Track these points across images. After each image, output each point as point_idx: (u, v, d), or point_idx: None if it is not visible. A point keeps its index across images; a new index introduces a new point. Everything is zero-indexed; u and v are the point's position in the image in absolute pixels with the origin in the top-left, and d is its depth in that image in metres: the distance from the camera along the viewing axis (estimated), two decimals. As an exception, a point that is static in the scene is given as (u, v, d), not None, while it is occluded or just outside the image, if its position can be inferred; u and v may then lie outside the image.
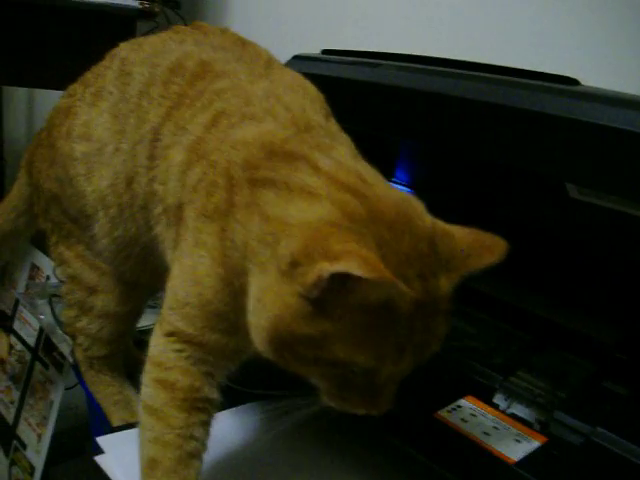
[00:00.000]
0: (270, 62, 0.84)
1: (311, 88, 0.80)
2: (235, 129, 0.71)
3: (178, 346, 0.69)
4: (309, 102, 0.76)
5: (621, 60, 0.96)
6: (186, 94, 0.78)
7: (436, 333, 0.60)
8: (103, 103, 0.88)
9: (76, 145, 0.90)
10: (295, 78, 0.81)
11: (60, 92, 0.98)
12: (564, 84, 0.71)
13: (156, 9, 1.50)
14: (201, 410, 0.70)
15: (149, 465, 0.69)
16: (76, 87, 0.95)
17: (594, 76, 0.74)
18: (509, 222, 0.71)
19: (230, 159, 0.68)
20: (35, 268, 1.63)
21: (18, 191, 1.10)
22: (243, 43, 0.86)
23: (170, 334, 0.70)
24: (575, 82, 0.72)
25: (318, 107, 0.77)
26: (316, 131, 0.71)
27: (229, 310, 0.67)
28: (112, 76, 0.89)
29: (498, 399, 0.84)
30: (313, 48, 1.07)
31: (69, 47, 1.50)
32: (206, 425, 0.71)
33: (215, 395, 0.71)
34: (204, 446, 0.71)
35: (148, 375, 0.71)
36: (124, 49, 0.91)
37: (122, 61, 0.89)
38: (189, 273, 0.68)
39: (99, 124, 0.88)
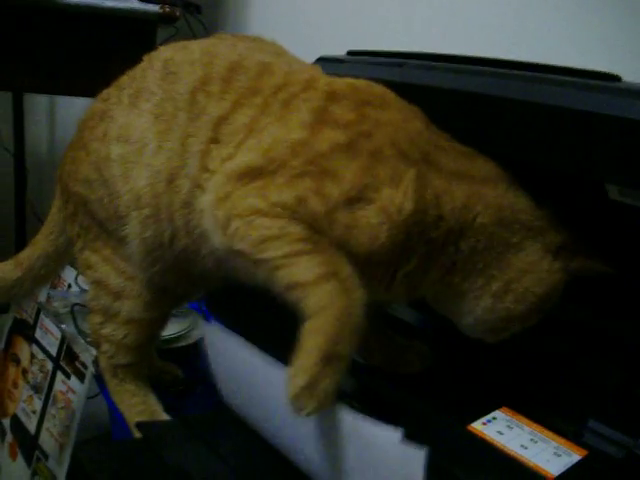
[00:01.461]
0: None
1: None
2: (365, 109, 0.79)
3: (283, 222, 0.73)
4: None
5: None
6: (259, 88, 0.83)
7: None
8: (144, 104, 0.88)
9: (113, 147, 0.90)
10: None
11: (81, 99, 0.98)
12: (605, 81, 0.68)
13: (177, 14, 1.49)
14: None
15: (323, 279, 0.69)
16: (110, 91, 0.95)
17: (636, 72, 0.71)
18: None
19: (388, 136, 0.76)
20: (57, 276, 1.62)
21: (57, 205, 1.09)
22: (284, 51, 0.94)
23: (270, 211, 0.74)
24: (617, 78, 0.68)
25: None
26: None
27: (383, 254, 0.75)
28: (155, 77, 0.89)
29: (534, 410, 0.81)
30: (336, 50, 1.05)
31: (89, 53, 1.50)
32: None
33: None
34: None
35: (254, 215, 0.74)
36: (165, 51, 0.92)
37: (165, 62, 0.90)
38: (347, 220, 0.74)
39: (139, 125, 0.88)
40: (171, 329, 1.16)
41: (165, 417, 0.96)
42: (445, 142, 0.79)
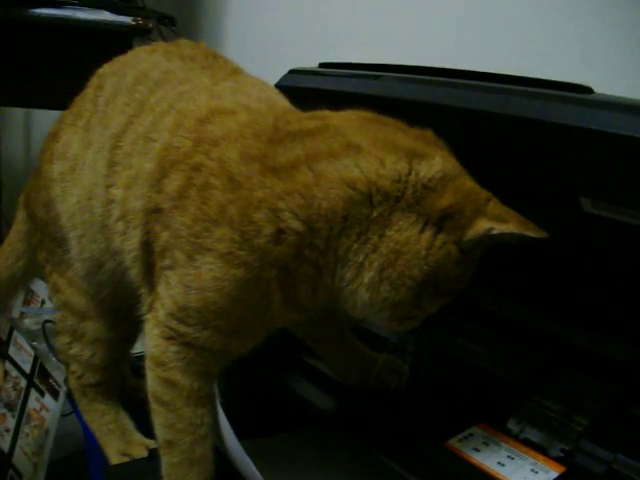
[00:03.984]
0: (236, 70, 0.87)
1: (272, 87, 0.86)
2: (207, 126, 0.72)
3: (176, 348, 0.72)
4: (274, 93, 0.82)
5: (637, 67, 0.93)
6: (147, 102, 0.80)
7: None
8: (80, 121, 0.89)
9: (55, 166, 0.90)
10: (258, 80, 0.85)
11: (57, 113, 0.97)
12: (577, 92, 0.67)
13: (150, 25, 1.48)
14: (205, 403, 0.74)
15: (167, 445, 0.74)
16: (65, 113, 0.95)
17: (608, 84, 0.70)
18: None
19: (220, 158, 0.68)
20: (30, 292, 1.60)
21: (16, 230, 1.08)
22: (214, 56, 0.89)
23: (170, 337, 0.72)
24: (589, 90, 0.68)
25: (282, 97, 0.82)
26: (296, 112, 0.76)
27: (239, 308, 0.69)
28: (89, 93, 0.91)
29: (512, 424, 0.80)
30: (310, 64, 1.04)
31: (64, 66, 1.49)
32: (213, 412, 0.75)
33: (213, 390, 0.75)
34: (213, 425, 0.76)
35: (152, 372, 0.74)
36: (104, 67, 0.93)
37: (99, 77, 0.91)
38: (192, 281, 0.68)
39: (74, 141, 0.88)
40: (144, 346, 1.14)
41: (137, 436, 0.95)
42: (289, 126, 0.69)
